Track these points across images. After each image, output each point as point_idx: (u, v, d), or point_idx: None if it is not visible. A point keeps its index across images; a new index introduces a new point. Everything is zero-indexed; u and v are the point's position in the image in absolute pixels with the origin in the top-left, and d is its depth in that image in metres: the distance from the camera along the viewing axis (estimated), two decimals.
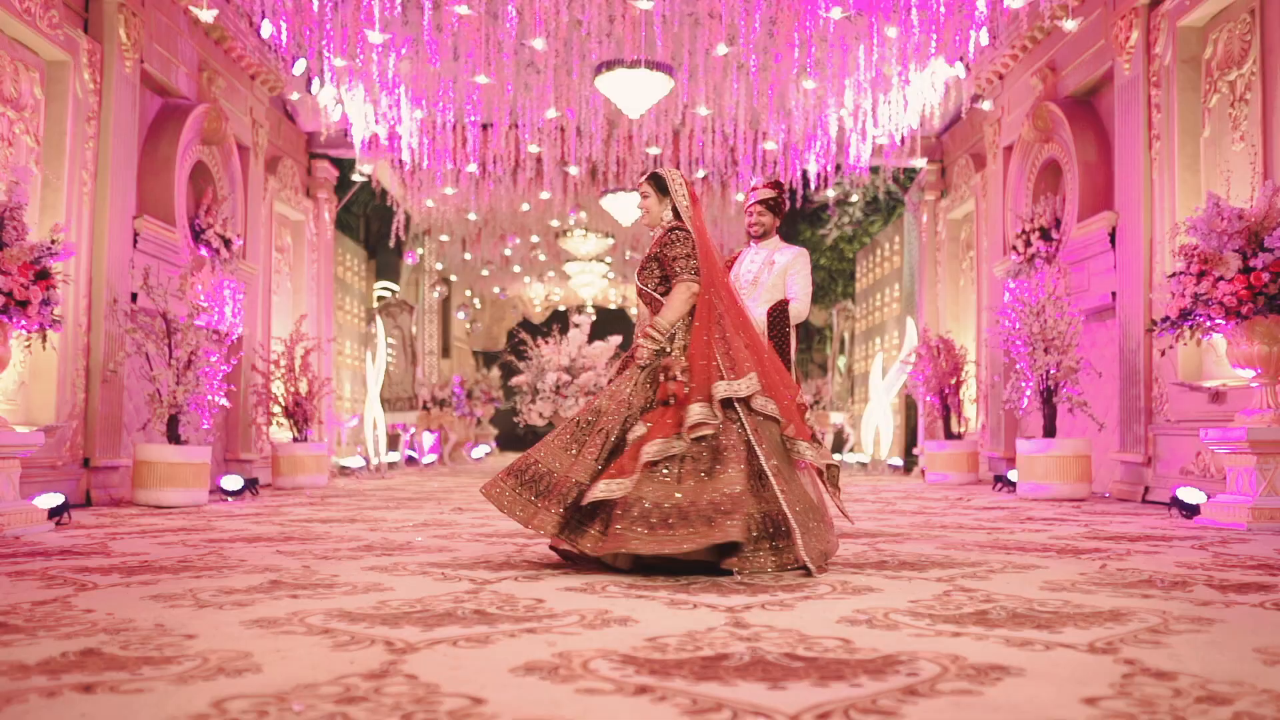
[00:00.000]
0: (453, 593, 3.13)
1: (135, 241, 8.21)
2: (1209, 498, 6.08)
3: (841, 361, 18.09)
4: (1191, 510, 6.07)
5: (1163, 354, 6.41)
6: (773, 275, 5.49)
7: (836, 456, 15.51)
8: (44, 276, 5.56)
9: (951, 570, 3.68)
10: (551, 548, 3.99)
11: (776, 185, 5.67)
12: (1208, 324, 5.79)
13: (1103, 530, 5.38)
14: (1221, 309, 5.63)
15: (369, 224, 17.40)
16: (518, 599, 3.01)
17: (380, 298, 18.37)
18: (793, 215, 16.24)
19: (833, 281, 18.28)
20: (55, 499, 5.93)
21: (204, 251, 9.30)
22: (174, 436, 7.59)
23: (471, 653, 2.26)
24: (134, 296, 8.03)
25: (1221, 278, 5.64)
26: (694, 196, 4.21)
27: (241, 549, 4.39)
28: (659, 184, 4.20)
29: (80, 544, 4.63)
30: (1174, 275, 5.99)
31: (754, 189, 5.69)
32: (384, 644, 2.33)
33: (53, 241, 5.65)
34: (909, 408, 14.05)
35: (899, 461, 13.49)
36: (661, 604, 2.94)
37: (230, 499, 8.12)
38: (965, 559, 4.04)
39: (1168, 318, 5.99)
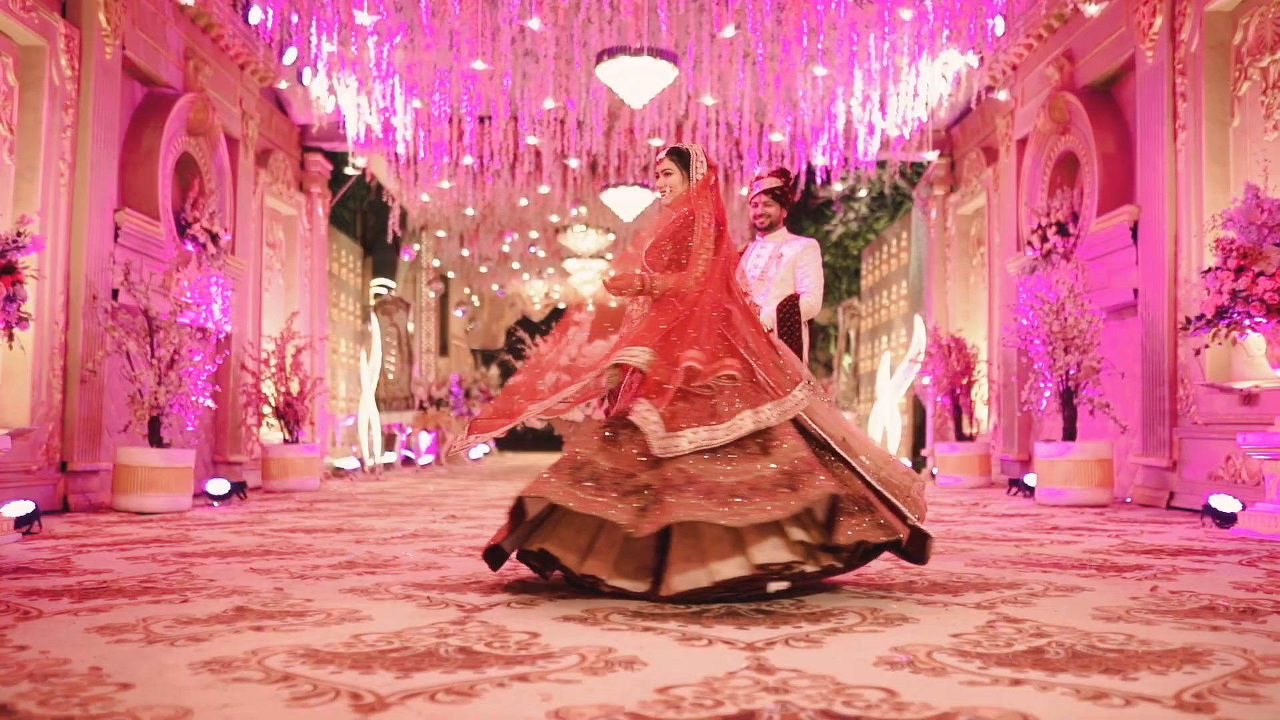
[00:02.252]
0: (437, 624, 2.79)
1: (116, 235, 7.87)
2: (1245, 506, 5.75)
3: (847, 360, 17.75)
4: (1227, 519, 5.74)
5: (1198, 354, 6.07)
6: (781, 269, 5.16)
7: None
8: (9, 271, 5.23)
9: (989, 594, 3.34)
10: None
11: (783, 174, 5.32)
12: (1246, 322, 5.45)
13: (1136, 542, 5.05)
14: (1262, 306, 5.29)
15: (365, 220, 17.04)
16: (509, 633, 2.67)
17: (377, 295, 18.02)
18: (797, 210, 15.90)
19: (837, 279, 17.94)
20: (25, 507, 5.58)
21: (190, 246, 8.96)
22: (156, 439, 7.26)
23: (451, 710, 1.92)
24: (115, 293, 7.68)
25: (1262, 273, 5.30)
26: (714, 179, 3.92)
27: (212, 566, 4.05)
28: (682, 160, 3.89)
29: (42, 559, 4.29)
30: (1209, 271, 5.65)
31: (758, 178, 5.34)
32: (349, 698, 1.99)
33: (18, 234, 5.32)
34: (916, 408, 13.72)
35: (907, 463, 13.14)
36: (672, 639, 2.60)
37: (216, 504, 7.78)
38: (1000, 579, 3.70)
39: (1203, 315, 5.64)
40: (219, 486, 7.98)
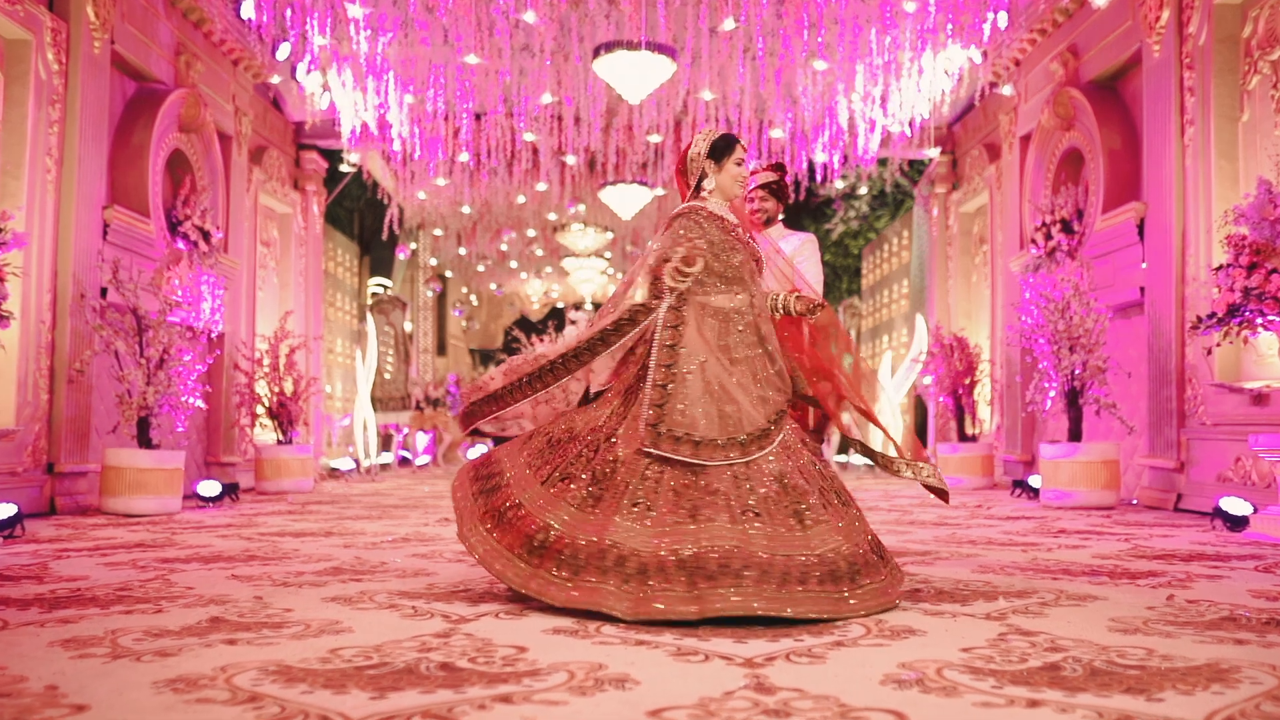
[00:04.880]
0: (420, 636, 2.66)
1: (105, 233, 7.72)
2: (1256, 509, 5.61)
3: (847, 360, 17.59)
4: (1238, 523, 5.59)
5: (1209, 353, 5.93)
6: None
7: (842, 458, 15.05)
8: None
9: (999, 603, 3.21)
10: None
11: (778, 168, 5.17)
12: (1259, 320, 5.32)
13: (1146, 546, 4.91)
14: (1275, 304, 5.16)
15: (363, 218, 16.89)
16: (495, 646, 2.53)
17: (374, 294, 17.88)
18: (797, 209, 15.76)
19: (838, 278, 17.79)
20: (7, 510, 5.45)
21: (181, 244, 8.82)
22: (145, 440, 7.12)
23: None
24: (104, 291, 7.55)
25: (1275, 270, 5.17)
26: None
27: (193, 573, 3.91)
28: None
29: (19, 564, 4.16)
30: (1221, 268, 5.51)
31: (754, 173, 5.19)
32: None
33: None
34: (918, 408, 13.58)
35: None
36: (666, 654, 2.46)
37: (209, 505, 7.65)
38: (1009, 586, 3.57)
39: (1214, 314, 5.51)
40: (210, 488, 7.84)
